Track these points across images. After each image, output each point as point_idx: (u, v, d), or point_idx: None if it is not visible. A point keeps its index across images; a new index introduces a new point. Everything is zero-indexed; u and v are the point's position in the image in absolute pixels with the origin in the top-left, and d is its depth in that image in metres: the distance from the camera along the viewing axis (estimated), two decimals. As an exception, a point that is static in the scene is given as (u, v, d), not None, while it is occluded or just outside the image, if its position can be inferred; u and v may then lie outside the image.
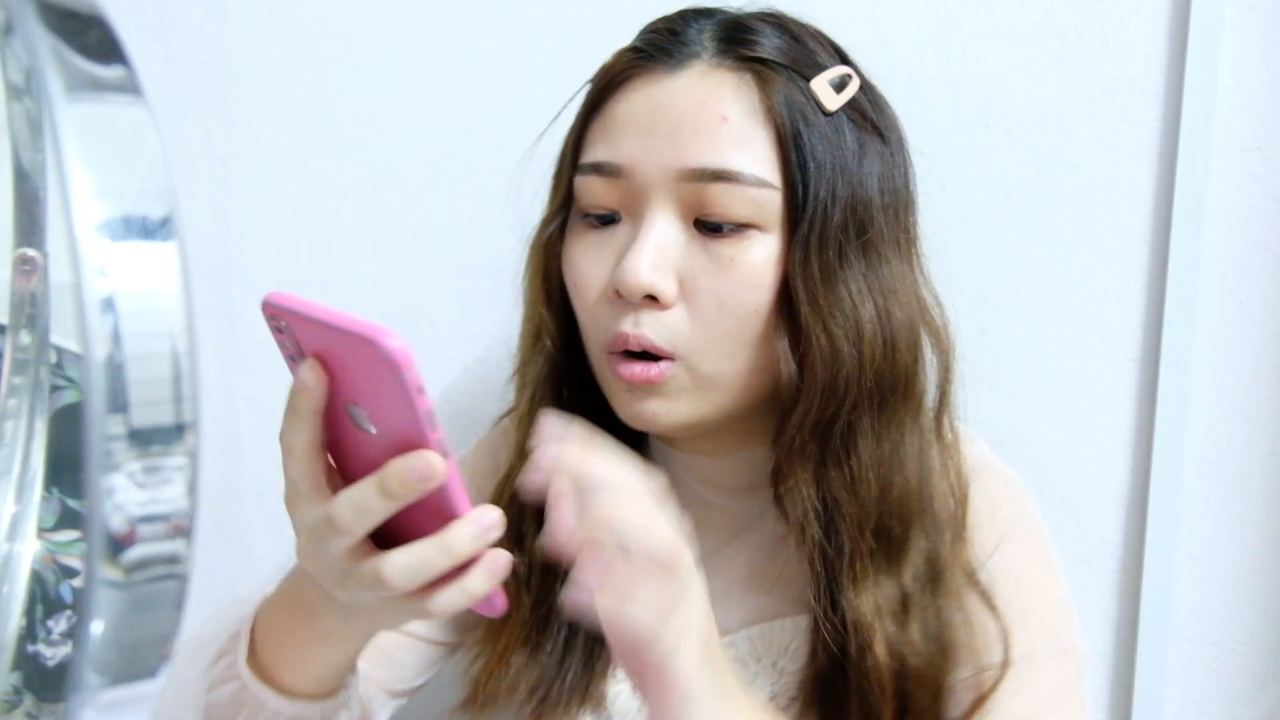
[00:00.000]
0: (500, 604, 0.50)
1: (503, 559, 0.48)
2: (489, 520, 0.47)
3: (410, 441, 0.45)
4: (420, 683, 0.74)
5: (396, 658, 0.72)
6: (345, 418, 0.48)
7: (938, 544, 0.63)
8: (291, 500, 0.51)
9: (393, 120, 0.90)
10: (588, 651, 0.67)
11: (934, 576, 0.63)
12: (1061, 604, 0.67)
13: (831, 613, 0.62)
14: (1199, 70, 0.79)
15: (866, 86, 0.64)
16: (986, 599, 0.63)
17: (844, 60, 0.64)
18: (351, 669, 0.61)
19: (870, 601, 0.61)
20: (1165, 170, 0.81)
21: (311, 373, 0.47)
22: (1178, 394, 0.82)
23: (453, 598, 0.48)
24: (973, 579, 0.64)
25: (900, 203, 0.64)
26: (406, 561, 0.47)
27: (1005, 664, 0.62)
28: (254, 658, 0.60)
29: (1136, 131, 0.81)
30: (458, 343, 0.92)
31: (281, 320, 0.47)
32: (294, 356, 0.48)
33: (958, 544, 0.64)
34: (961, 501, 0.65)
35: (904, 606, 0.62)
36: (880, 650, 0.60)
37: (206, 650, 0.63)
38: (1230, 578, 0.85)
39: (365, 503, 0.46)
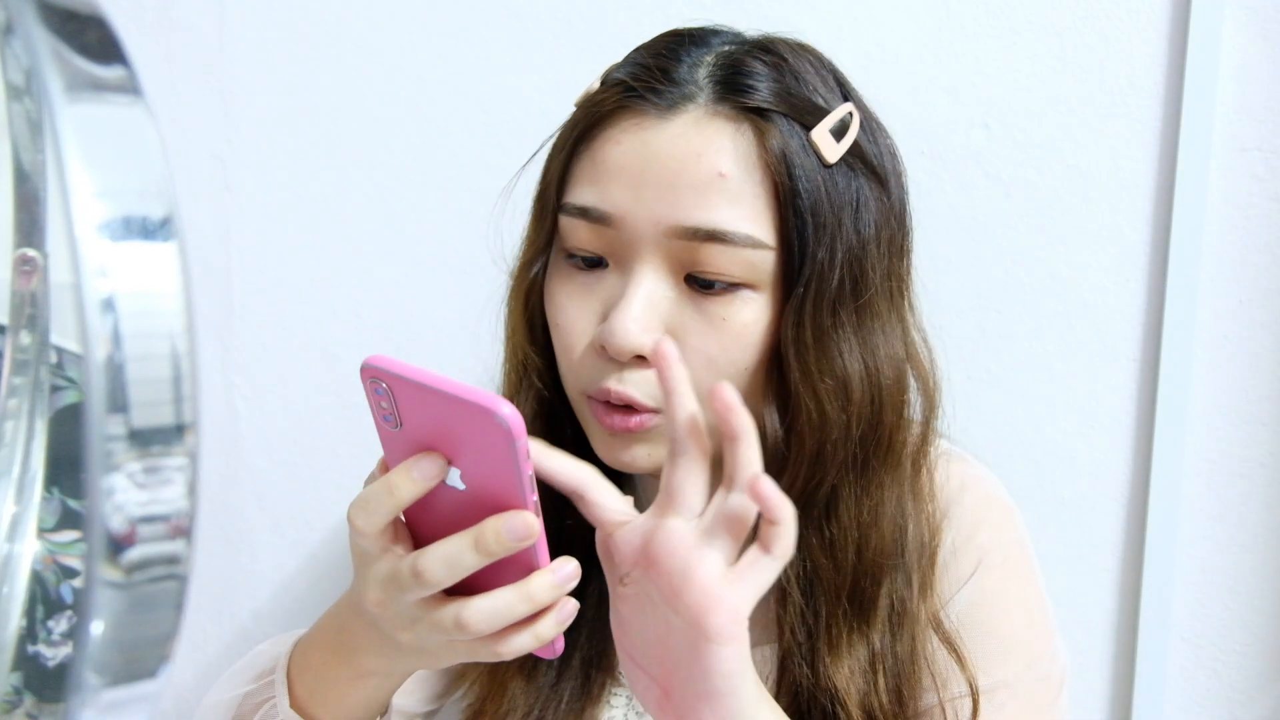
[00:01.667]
0: (560, 646, 0.52)
1: (571, 606, 0.50)
2: (567, 572, 0.49)
3: (503, 501, 0.48)
4: (428, 710, 0.74)
5: (413, 678, 0.72)
6: None
7: (905, 594, 0.62)
8: (361, 559, 0.52)
9: (393, 120, 0.90)
10: (584, 675, 0.67)
11: (899, 625, 0.62)
12: (1040, 626, 0.66)
13: (811, 677, 0.61)
14: (1199, 70, 0.79)
15: (865, 119, 0.61)
16: (950, 644, 0.63)
17: (843, 90, 0.62)
18: (386, 707, 0.62)
19: (845, 668, 0.61)
20: (1165, 170, 0.81)
21: (434, 465, 0.48)
22: (1178, 394, 0.82)
23: (523, 641, 0.50)
24: (939, 626, 0.63)
25: (895, 250, 0.62)
26: (489, 607, 0.48)
27: (973, 696, 0.61)
28: (291, 700, 0.61)
29: (1136, 131, 0.82)
30: (458, 343, 0.92)
31: (382, 383, 0.48)
32: (390, 419, 0.49)
33: (925, 593, 0.63)
34: (931, 552, 0.64)
35: (872, 664, 0.61)
36: (856, 713, 0.60)
37: (227, 709, 0.65)
38: (1230, 578, 0.85)
39: (458, 558, 0.48)
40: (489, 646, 0.50)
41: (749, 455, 0.48)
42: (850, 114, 0.60)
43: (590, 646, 0.67)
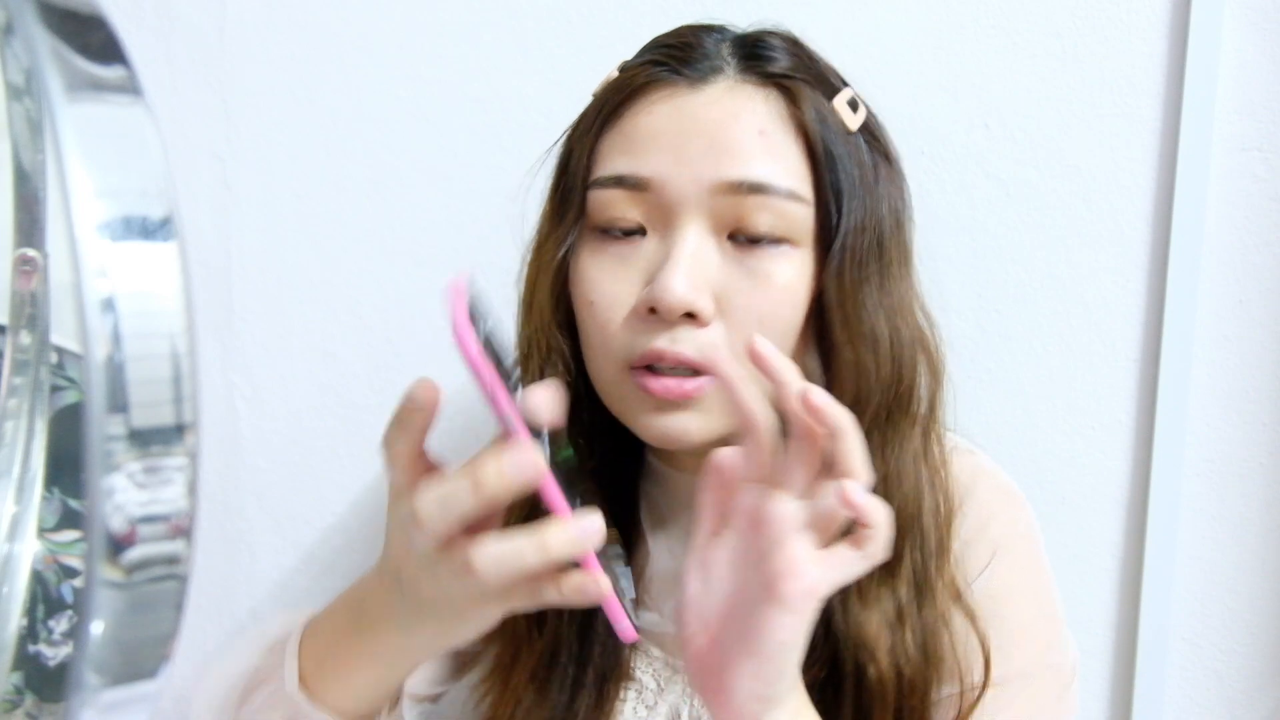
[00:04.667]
0: (633, 633, 0.50)
1: (604, 584, 0.48)
2: (587, 524, 0.47)
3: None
4: (437, 692, 0.74)
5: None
6: None
7: (925, 559, 0.63)
8: (393, 498, 0.51)
9: (393, 120, 0.90)
10: (598, 688, 0.66)
11: (921, 591, 0.63)
12: (1050, 618, 0.67)
13: (844, 629, 0.62)
14: (1199, 70, 0.79)
15: (869, 110, 0.65)
16: (972, 618, 0.63)
17: (840, 79, 0.65)
18: (397, 695, 0.62)
19: (875, 617, 0.61)
20: (1165, 170, 0.81)
21: (424, 391, 0.48)
22: (1178, 394, 0.82)
23: (548, 595, 0.48)
24: (959, 597, 0.64)
25: (902, 224, 0.65)
26: (497, 551, 0.46)
27: (986, 683, 0.62)
28: (301, 680, 0.60)
29: (1136, 131, 0.82)
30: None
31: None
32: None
33: (942, 560, 0.64)
34: (947, 518, 0.65)
35: (899, 618, 0.62)
36: (885, 662, 0.60)
37: (234, 682, 0.63)
38: (1230, 578, 0.85)
39: (453, 497, 0.46)
40: (508, 599, 0.49)
41: (850, 448, 0.49)
42: (857, 98, 0.63)
43: (604, 660, 0.67)
